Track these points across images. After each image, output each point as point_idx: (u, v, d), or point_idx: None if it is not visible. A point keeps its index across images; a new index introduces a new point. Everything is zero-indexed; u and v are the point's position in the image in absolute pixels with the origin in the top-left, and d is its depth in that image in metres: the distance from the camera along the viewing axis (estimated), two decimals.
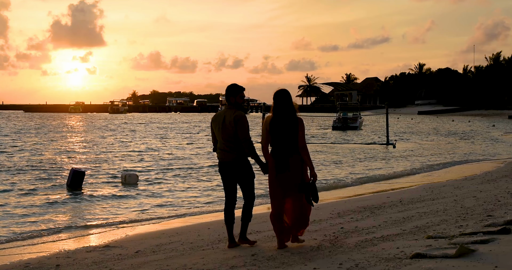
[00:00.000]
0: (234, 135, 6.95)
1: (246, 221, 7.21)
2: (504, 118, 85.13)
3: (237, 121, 6.92)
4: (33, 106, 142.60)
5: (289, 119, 6.72)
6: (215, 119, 7.19)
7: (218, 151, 7.16)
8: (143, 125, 65.10)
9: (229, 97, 7.16)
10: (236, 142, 6.97)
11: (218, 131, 7.09)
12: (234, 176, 7.10)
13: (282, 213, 6.83)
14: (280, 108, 6.77)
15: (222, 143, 7.07)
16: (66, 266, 7.37)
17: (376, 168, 21.54)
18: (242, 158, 7.03)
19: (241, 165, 7.04)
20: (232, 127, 6.94)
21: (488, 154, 27.14)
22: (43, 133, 46.59)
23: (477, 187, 12.44)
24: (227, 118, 6.99)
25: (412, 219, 8.43)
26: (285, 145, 6.71)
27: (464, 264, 5.09)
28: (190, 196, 15.02)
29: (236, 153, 7.00)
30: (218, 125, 7.09)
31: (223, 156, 7.10)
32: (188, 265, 6.40)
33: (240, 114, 6.98)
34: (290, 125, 6.70)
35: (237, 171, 7.06)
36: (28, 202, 13.71)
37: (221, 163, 7.17)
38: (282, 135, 6.71)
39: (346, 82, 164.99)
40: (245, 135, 6.93)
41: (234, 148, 6.99)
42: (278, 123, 6.74)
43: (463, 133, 48.01)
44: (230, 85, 7.23)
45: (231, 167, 7.07)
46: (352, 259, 5.79)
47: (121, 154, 27.85)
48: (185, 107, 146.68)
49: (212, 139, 7.35)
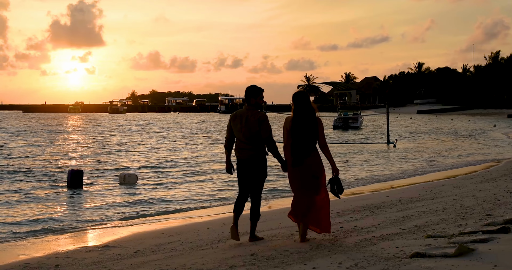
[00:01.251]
0: (256, 135, 7.25)
1: (255, 220, 7.47)
2: (503, 117, 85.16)
3: (261, 122, 7.24)
4: (32, 106, 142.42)
5: (308, 119, 7.05)
6: (235, 118, 7.40)
7: (236, 149, 7.44)
8: (143, 125, 65.05)
9: (249, 98, 7.40)
10: (255, 141, 7.28)
11: (239, 130, 7.33)
12: (250, 173, 7.38)
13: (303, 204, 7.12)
14: (300, 108, 7.09)
15: (241, 141, 7.36)
16: (65, 266, 7.37)
17: (376, 167, 21.55)
18: (258, 156, 7.33)
19: (257, 162, 7.33)
20: (256, 127, 7.23)
21: (487, 153, 27.15)
22: (44, 132, 46.58)
23: (476, 186, 12.44)
24: (250, 118, 7.26)
25: (411, 218, 8.42)
26: (304, 143, 7.02)
27: (464, 263, 5.09)
28: (189, 195, 15.03)
29: (253, 151, 7.31)
30: (239, 124, 7.32)
31: (241, 154, 7.39)
32: (188, 265, 6.40)
33: (264, 115, 7.31)
34: (310, 124, 7.03)
35: (253, 168, 7.34)
36: (27, 202, 13.71)
37: (239, 160, 7.45)
38: (301, 134, 7.02)
39: (345, 81, 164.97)
40: (268, 134, 7.28)
41: (252, 147, 7.30)
42: (298, 123, 7.05)
43: (463, 132, 48.01)
44: (250, 86, 7.49)
45: (247, 164, 7.35)
46: (351, 259, 5.78)
47: (120, 154, 27.86)
48: (184, 107, 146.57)
49: (227, 136, 7.55)
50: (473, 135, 43.50)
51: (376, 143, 35.46)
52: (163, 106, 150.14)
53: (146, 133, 47.39)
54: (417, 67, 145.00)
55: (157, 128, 58.19)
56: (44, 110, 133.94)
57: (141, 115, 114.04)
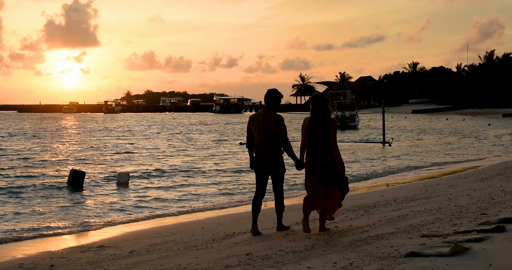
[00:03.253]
0: (272, 135, 7.82)
1: (280, 211, 8.09)
2: (498, 116, 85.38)
3: (277, 123, 7.81)
4: (27, 106, 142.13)
5: (324, 120, 7.57)
6: (254, 119, 7.98)
7: (255, 148, 7.98)
8: (141, 125, 64.92)
9: (271, 101, 7.96)
10: (271, 141, 7.84)
11: (257, 130, 7.91)
12: (267, 170, 7.96)
13: (314, 200, 7.65)
14: (317, 110, 7.63)
15: (259, 141, 7.92)
16: (60, 266, 7.35)
17: (371, 166, 21.58)
18: (275, 154, 7.89)
19: (274, 160, 7.89)
20: (272, 128, 7.80)
21: (482, 152, 27.21)
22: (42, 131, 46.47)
23: (471, 186, 12.46)
24: (267, 120, 7.84)
25: (406, 217, 8.43)
26: (320, 142, 7.55)
27: (458, 262, 5.09)
28: (186, 194, 15.02)
29: (270, 150, 7.87)
30: (257, 124, 7.90)
31: (259, 152, 7.95)
32: (183, 265, 6.39)
33: (280, 117, 7.89)
34: (325, 125, 7.54)
35: (270, 165, 7.91)
36: (23, 202, 13.68)
37: (256, 158, 8.01)
38: (317, 133, 7.55)
39: (340, 81, 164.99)
40: (283, 135, 7.84)
41: (269, 146, 7.86)
42: (315, 123, 7.59)
43: (458, 131, 48.11)
44: (273, 90, 8.05)
45: (265, 161, 7.92)
46: (346, 258, 5.78)
47: (118, 154, 27.81)
48: (179, 106, 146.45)
49: (247, 136, 8.15)
50: (468, 134, 43.60)
51: (372, 142, 35.51)
52: (158, 106, 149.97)
53: (145, 133, 47.31)
54: (412, 67, 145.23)
55: (155, 127, 58.05)
56: (38, 110, 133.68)
57: (138, 115, 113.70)
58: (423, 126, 58.97)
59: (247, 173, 19.36)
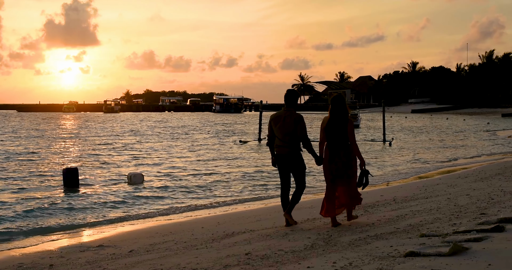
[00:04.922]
0: (292, 133, 8.17)
1: (294, 201, 8.50)
2: (497, 116, 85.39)
3: (297, 122, 8.18)
4: (26, 105, 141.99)
5: (341, 120, 7.95)
6: (275, 118, 8.32)
7: (276, 146, 8.33)
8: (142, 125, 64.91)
9: (292, 100, 8.32)
10: (292, 139, 8.19)
11: (278, 129, 8.24)
12: (289, 166, 8.33)
13: (334, 195, 8.11)
14: (336, 110, 8.00)
15: (280, 139, 8.26)
16: (59, 266, 7.35)
17: (371, 166, 21.57)
18: (295, 152, 8.26)
19: (294, 157, 8.25)
20: (292, 126, 8.15)
21: (482, 152, 27.21)
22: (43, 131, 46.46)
23: (470, 185, 12.46)
24: (287, 119, 8.19)
25: (405, 217, 8.43)
26: (337, 140, 7.96)
27: (458, 262, 5.09)
28: (185, 194, 15.02)
29: (291, 148, 8.23)
30: (278, 123, 8.24)
31: (280, 150, 8.31)
32: (182, 264, 6.38)
33: (299, 116, 8.23)
34: (342, 125, 7.93)
35: (291, 162, 8.29)
36: (21, 202, 13.66)
37: (278, 156, 8.37)
38: (335, 133, 7.96)
39: (340, 80, 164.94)
40: (303, 133, 8.22)
41: (290, 144, 8.21)
42: (333, 122, 7.98)
43: (457, 131, 48.12)
44: (292, 90, 8.50)
45: (286, 159, 8.29)
46: (345, 258, 5.78)
47: (118, 153, 27.81)
48: (179, 106, 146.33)
49: (269, 134, 8.49)
50: (468, 133, 43.60)
51: (372, 141, 35.53)
52: (157, 105, 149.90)
53: (149, 134, 47.29)
54: (411, 67, 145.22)
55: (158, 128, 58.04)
56: (38, 109, 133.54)
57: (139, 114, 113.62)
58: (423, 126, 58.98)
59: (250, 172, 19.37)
